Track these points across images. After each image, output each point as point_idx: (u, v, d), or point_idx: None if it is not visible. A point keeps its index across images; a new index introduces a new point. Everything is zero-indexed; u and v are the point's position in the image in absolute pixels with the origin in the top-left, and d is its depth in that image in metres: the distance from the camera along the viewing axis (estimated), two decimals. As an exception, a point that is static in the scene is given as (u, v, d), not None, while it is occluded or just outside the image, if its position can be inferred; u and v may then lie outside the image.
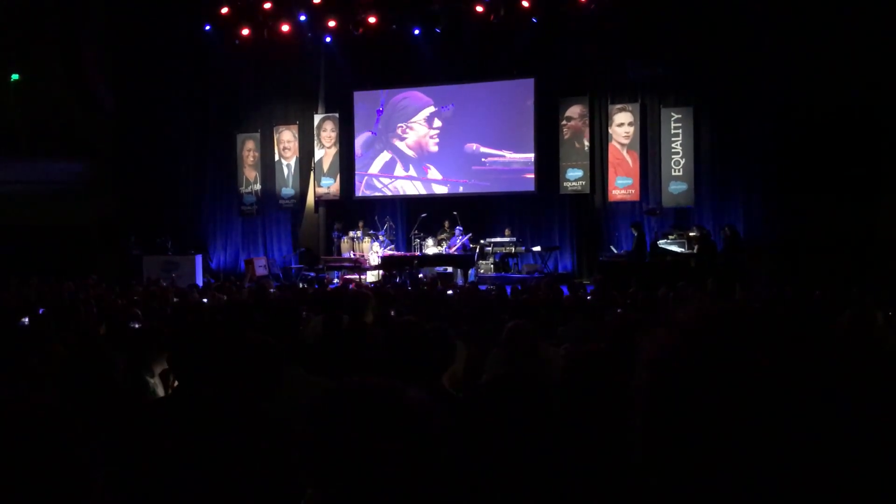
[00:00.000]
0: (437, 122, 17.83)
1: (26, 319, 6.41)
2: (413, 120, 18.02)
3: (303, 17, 17.44)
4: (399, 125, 18.09)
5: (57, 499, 1.11)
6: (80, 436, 1.17)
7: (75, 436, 1.16)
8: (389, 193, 18.21)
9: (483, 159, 17.54)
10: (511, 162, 17.32)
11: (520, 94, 17.23)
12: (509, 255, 16.17)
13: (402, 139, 18.10)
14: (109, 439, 2.47)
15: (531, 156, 17.14)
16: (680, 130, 15.86)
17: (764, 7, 14.49)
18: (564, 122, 16.77)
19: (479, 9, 16.28)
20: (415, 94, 18.00)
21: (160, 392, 3.18)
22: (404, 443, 1.26)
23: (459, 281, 14.92)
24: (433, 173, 17.91)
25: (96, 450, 1.19)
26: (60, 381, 2.58)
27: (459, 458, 2.64)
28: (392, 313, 6.28)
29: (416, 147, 18.05)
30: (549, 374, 3.90)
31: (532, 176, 17.12)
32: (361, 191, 18.37)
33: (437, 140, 17.83)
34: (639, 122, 16.21)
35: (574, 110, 16.72)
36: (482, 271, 16.03)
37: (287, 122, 18.78)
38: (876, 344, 4.56)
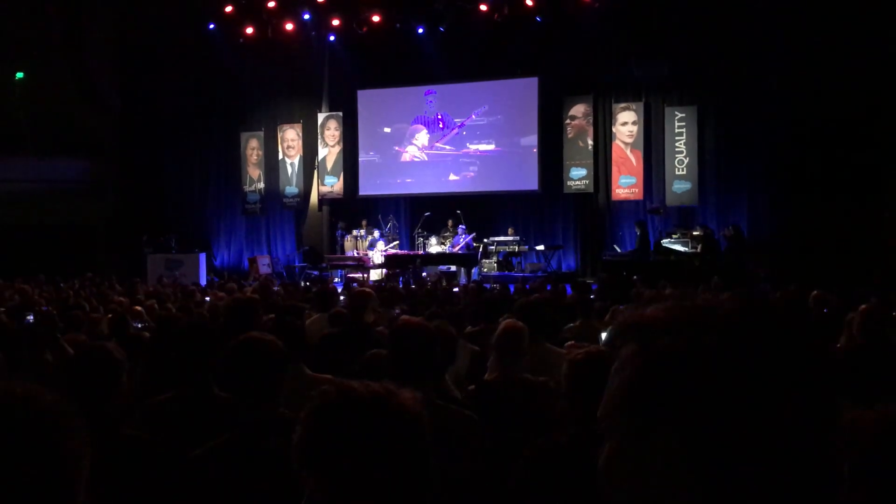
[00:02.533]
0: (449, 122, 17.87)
1: (31, 317, 6.43)
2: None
3: (307, 16, 17.45)
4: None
5: (44, 493, 1.12)
6: (75, 433, 1.18)
7: (70, 433, 1.17)
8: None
9: (486, 158, 17.54)
10: (514, 161, 17.32)
11: (523, 92, 17.23)
12: (513, 253, 16.17)
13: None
14: (113, 439, 2.48)
15: (535, 154, 17.14)
16: (684, 129, 15.85)
17: (768, 6, 14.47)
18: (568, 121, 16.77)
19: (483, 7, 16.28)
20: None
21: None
22: (397, 444, 1.28)
23: (462, 280, 14.92)
24: (439, 173, 17.95)
25: (86, 447, 1.20)
26: (65, 378, 2.59)
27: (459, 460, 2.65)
28: (396, 311, 6.29)
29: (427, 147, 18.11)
30: (548, 374, 3.90)
31: (536, 175, 17.11)
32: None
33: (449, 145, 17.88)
34: (642, 121, 16.20)
35: (578, 109, 16.71)
36: (485, 270, 16.03)
37: (291, 120, 18.80)
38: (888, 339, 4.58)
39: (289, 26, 17.56)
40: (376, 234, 16.95)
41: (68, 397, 1.22)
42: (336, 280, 15.72)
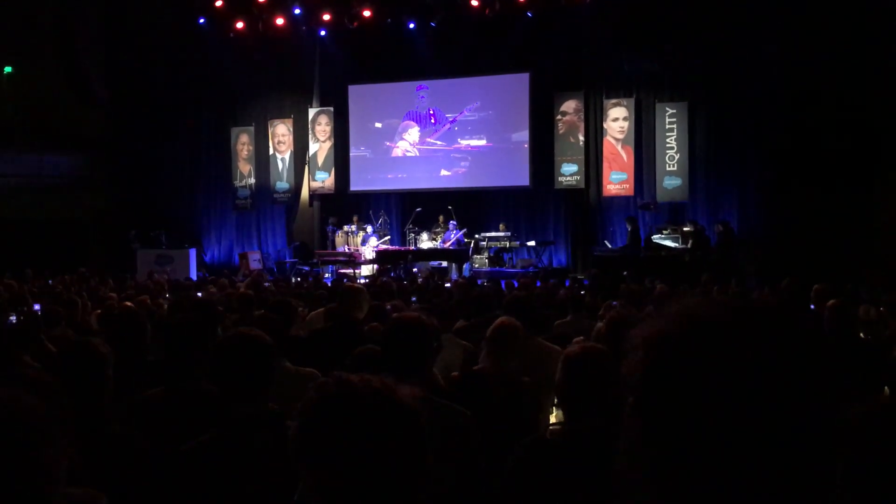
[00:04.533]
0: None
1: (13, 318, 6.40)
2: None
3: (297, 11, 17.40)
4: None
5: (19, 490, 1.11)
6: (48, 433, 1.17)
7: (43, 433, 1.16)
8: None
9: (478, 154, 17.54)
10: (506, 156, 17.32)
11: (515, 88, 17.22)
12: (504, 249, 16.18)
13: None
14: (101, 436, 2.46)
15: (526, 150, 17.15)
16: (674, 125, 15.88)
17: (759, 1, 14.49)
18: (559, 117, 16.77)
19: (475, 3, 16.26)
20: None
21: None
22: (395, 439, 1.27)
23: (454, 275, 14.92)
24: (430, 169, 17.93)
25: (62, 447, 1.19)
26: (52, 376, 2.57)
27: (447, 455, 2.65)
28: (388, 307, 6.28)
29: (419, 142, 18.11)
30: (540, 368, 3.91)
31: (527, 170, 17.12)
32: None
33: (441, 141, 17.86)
34: (633, 117, 16.21)
35: (569, 105, 16.72)
36: (476, 266, 16.04)
37: (282, 115, 18.75)
38: (858, 334, 4.59)
39: (279, 21, 17.51)
40: (369, 229, 16.93)
41: (53, 398, 1.22)
42: (326, 276, 15.69)
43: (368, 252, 16.41)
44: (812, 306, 6.62)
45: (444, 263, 15.83)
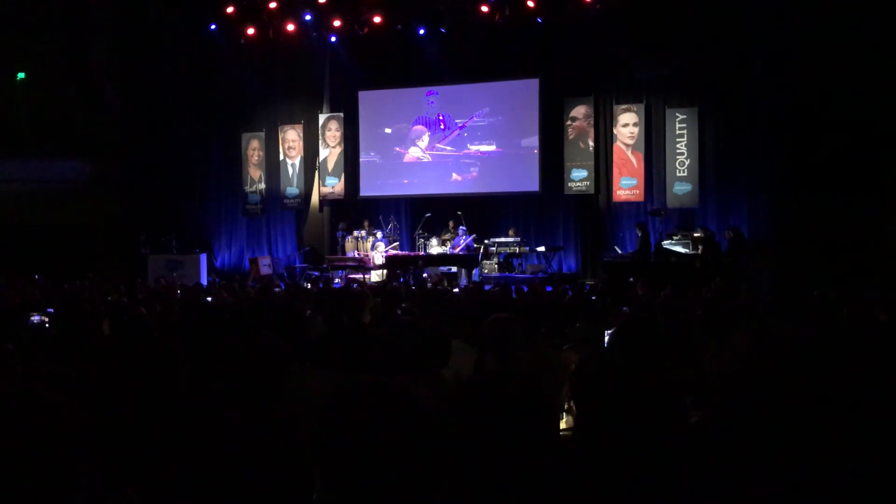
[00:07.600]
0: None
1: (37, 317, 6.45)
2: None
3: (308, 17, 17.46)
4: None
5: (46, 487, 1.13)
6: (71, 431, 1.19)
7: (67, 431, 1.19)
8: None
9: (487, 159, 17.55)
10: (515, 162, 17.32)
11: (524, 94, 17.23)
12: (513, 255, 16.17)
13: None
14: (115, 436, 2.48)
15: (536, 156, 17.15)
16: (685, 131, 15.85)
17: (768, 7, 14.47)
18: (569, 123, 16.77)
19: (485, 9, 16.28)
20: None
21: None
22: (412, 438, 1.29)
23: (463, 281, 14.92)
24: (440, 174, 17.95)
25: (85, 445, 1.22)
26: (69, 378, 2.59)
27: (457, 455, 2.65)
28: (399, 312, 6.29)
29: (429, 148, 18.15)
30: (547, 375, 3.91)
31: (536, 176, 17.12)
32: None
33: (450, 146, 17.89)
34: (644, 123, 16.20)
35: (579, 110, 16.71)
36: (486, 271, 16.03)
37: (292, 121, 18.81)
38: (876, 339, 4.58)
39: (290, 27, 17.56)
40: (379, 234, 16.95)
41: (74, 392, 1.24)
42: (336, 281, 15.72)
43: (378, 257, 16.43)
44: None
45: (454, 269, 15.83)
